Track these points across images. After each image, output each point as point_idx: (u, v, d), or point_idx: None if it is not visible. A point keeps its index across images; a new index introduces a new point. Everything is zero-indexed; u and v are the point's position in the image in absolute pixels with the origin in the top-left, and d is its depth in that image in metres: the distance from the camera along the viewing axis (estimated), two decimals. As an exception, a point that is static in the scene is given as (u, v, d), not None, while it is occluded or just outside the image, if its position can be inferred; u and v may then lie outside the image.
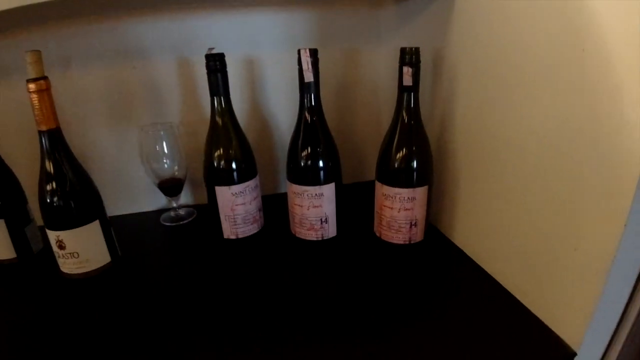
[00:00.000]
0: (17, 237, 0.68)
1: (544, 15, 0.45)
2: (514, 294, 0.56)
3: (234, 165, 0.66)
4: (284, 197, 0.71)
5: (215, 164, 0.66)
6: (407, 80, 0.61)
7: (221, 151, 0.66)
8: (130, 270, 0.67)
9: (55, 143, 0.58)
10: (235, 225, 0.68)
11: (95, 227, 0.62)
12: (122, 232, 0.68)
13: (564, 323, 0.48)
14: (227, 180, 0.66)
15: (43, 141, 0.58)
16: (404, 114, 0.62)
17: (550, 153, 0.47)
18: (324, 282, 0.62)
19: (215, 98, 0.65)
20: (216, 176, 0.67)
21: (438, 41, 0.66)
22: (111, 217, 0.66)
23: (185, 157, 0.76)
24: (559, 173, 0.46)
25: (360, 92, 0.88)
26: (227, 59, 0.64)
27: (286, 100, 0.84)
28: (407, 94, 0.62)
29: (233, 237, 0.69)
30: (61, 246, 0.61)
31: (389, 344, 0.49)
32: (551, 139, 0.46)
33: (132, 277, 0.66)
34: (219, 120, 0.66)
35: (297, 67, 0.62)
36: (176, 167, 0.75)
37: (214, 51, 0.63)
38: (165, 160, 0.75)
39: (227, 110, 0.66)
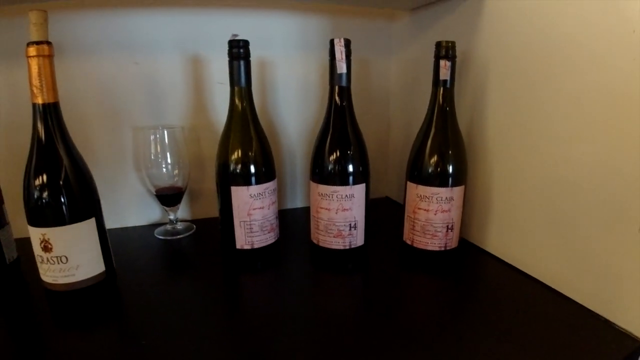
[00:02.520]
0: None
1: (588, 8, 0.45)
2: (566, 293, 0.52)
3: (253, 164, 0.59)
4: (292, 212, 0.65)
5: (233, 162, 0.59)
6: (444, 74, 0.59)
7: (240, 148, 0.59)
8: (127, 286, 0.56)
9: (51, 120, 0.49)
10: (251, 232, 0.60)
11: (89, 227, 0.52)
12: (112, 246, 0.57)
13: (628, 314, 0.44)
14: (245, 180, 0.59)
15: (37, 116, 0.49)
16: (439, 109, 0.60)
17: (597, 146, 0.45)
18: (356, 295, 0.56)
19: (235, 88, 0.59)
20: (232, 175, 0.59)
21: (462, 44, 0.65)
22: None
23: (188, 164, 0.68)
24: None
25: (370, 103, 0.85)
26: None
27: (296, 106, 0.79)
28: (443, 87, 0.59)
29: (248, 247, 0.61)
30: (46, 247, 0.50)
31: None
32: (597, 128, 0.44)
33: (130, 293, 0.55)
34: (238, 113, 0.59)
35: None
36: (177, 175, 0.67)
37: (237, 37, 0.58)
38: (164, 167, 0.66)
39: (248, 103, 0.60)
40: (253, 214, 0.59)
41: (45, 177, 0.50)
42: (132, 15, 0.67)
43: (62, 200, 0.50)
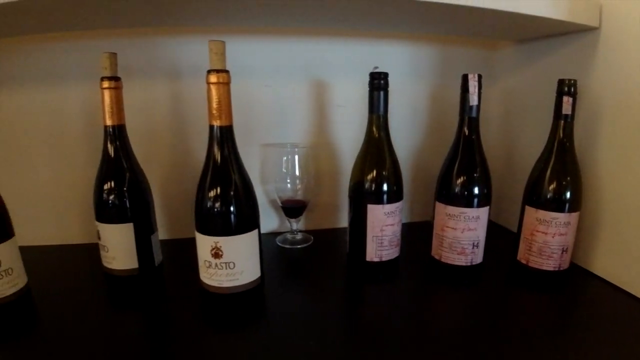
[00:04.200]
0: (142, 245, 0.62)
1: None
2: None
3: (386, 184, 0.65)
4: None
5: (368, 182, 0.65)
6: (567, 109, 0.64)
7: (376, 169, 0.65)
8: (275, 290, 0.62)
9: (226, 138, 0.56)
10: (382, 247, 0.66)
11: (253, 237, 0.58)
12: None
13: None
14: (380, 199, 0.64)
15: (215, 138, 0.55)
16: (559, 140, 0.65)
17: None
18: (472, 309, 0.61)
19: (374, 115, 0.65)
20: (368, 194, 0.65)
21: (573, 75, 0.70)
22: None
23: (313, 180, 0.74)
24: None
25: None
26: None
27: (405, 131, 0.85)
28: (564, 121, 0.64)
29: (377, 259, 0.66)
30: (217, 254, 0.56)
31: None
32: None
33: (273, 298, 0.61)
34: (375, 137, 0.65)
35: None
36: (303, 189, 0.73)
37: (377, 70, 0.64)
38: (292, 181, 0.73)
39: (384, 128, 0.65)
40: (385, 230, 0.65)
41: (219, 191, 0.56)
42: (265, 42, 0.74)
43: (235, 212, 0.56)
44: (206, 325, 0.56)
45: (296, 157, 0.71)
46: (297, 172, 0.72)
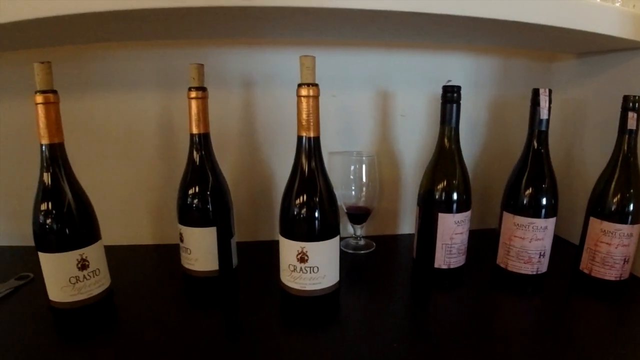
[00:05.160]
0: (223, 248, 0.65)
1: None
2: None
3: (457, 194, 0.67)
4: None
5: (439, 191, 0.67)
6: (632, 125, 0.66)
7: (447, 179, 0.67)
8: (347, 294, 0.64)
9: (314, 149, 0.59)
10: (450, 254, 0.68)
11: (335, 243, 0.60)
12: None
13: None
14: (450, 208, 0.67)
15: (303, 146, 0.58)
16: (624, 154, 0.67)
17: None
18: (536, 317, 0.63)
19: (445, 127, 0.67)
20: (439, 203, 0.67)
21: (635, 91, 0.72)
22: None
23: (378, 188, 0.77)
24: None
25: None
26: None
27: (464, 141, 0.87)
28: (629, 136, 0.67)
29: (445, 266, 0.69)
30: (303, 258, 0.58)
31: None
32: None
33: (351, 301, 0.64)
34: (446, 148, 0.68)
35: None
36: (369, 197, 0.76)
37: (450, 83, 0.67)
38: (358, 189, 0.75)
39: (455, 140, 0.68)
40: (455, 238, 0.67)
41: (307, 199, 0.58)
42: (332, 54, 0.76)
43: (321, 219, 0.58)
44: (286, 327, 0.59)
45: (363, 165, 0.74)
46: (363, 179, 0.74)
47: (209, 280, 0.65)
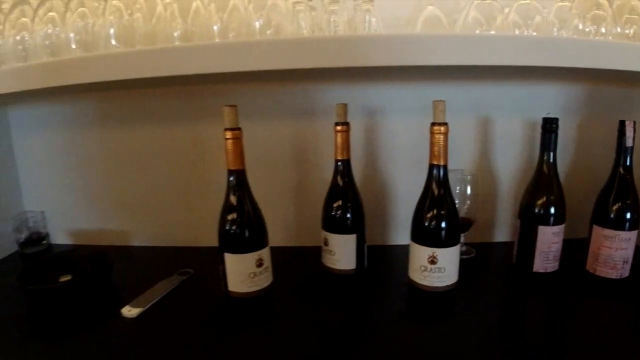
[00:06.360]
0: (359, 251, 0.79)
1: None
2: None
3: (554, 208, 0.80)
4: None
5: (539, 207, 0.80)
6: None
7: (546, 197, 0.80)
8: (459, 293, 0.76)
9: (442, 174, 0.71)
10: (547, 260, 0.81)
11: (457, 249, 0.73)
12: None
13: None
14: (548, 221, 0.80)
15: (435, 173, 0.71)
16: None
17: None
18: (620, 321, 0.73)
19: (545, 153, 0.80)
20: (539, 217, 0.80)
21: None
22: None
23: (479, 201, 0.90)
24: None
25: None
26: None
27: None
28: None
29: (542, 270, 0.81)
30: (433, 261, 0.71)
31: None
32: None
33: (463, 299, 0.76)
34: (545, 171, 0.81)
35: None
36: (472, 209, 0.89)
37: (550, 115, 0.80)
38: (463, 201, 0.89)
39: (553, 164, 0.81)
40: (552, 246, 0.80)
41: (439, 212, 0.71)
42: (433, 86, 0.91)
43: (448, 228, 0.71)
44: (413, 316, 0.74)
45: (468, 181, 0.88)
46: (467, 193, 0.88)
47: (347, 277, 0.80)
